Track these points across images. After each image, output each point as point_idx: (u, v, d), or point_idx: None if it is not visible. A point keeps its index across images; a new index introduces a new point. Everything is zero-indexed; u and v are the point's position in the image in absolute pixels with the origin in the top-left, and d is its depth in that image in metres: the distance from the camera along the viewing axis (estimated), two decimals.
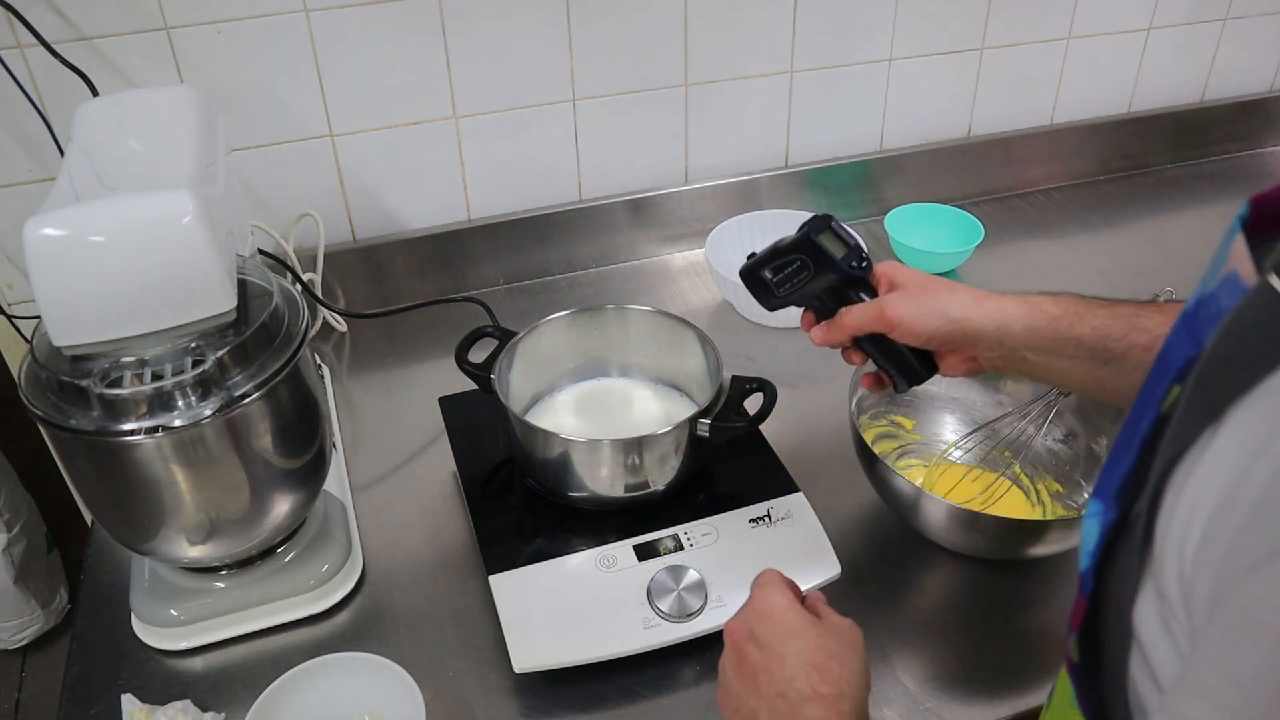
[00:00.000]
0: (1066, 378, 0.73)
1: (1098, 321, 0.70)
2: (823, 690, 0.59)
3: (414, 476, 1.01)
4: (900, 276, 0.77)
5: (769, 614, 0.64)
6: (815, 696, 0.59)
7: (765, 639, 0.63)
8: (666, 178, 1.34)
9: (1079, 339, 0.70)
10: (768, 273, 0.79)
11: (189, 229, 0.69)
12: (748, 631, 0.64)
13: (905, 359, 0.78)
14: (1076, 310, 0.71)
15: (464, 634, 0.85)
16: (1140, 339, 0.69)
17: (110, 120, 0.82)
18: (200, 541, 0.80)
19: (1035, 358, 0.72)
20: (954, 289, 0.75)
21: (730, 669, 0.64)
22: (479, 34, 1.16)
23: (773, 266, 0.79)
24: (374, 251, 1.23)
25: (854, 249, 0.77)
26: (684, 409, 0.97)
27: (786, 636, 0.62)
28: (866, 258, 0.78)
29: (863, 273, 0.77)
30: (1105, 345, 0.69)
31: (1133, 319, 0.70)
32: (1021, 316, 0.72)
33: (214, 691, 0.81)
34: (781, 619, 0.63)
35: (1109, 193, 1.51)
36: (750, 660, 0.62)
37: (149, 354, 0.72)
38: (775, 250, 0.79)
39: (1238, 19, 1.52)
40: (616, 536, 0.86)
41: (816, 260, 0.77)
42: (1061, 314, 0.71)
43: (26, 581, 1.66)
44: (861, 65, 1.35)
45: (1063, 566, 0.89)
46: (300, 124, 1.15)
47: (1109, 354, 0.69)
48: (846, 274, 0.77)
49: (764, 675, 0.61)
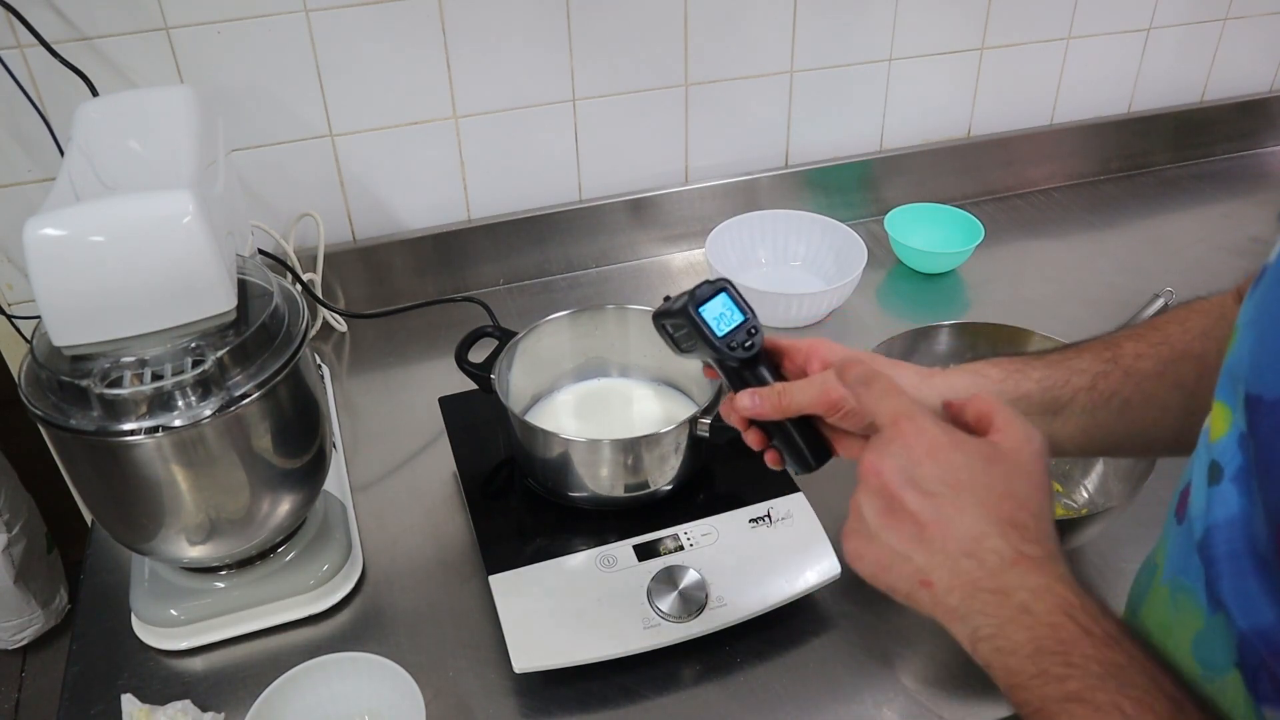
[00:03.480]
0: None
1: (1038, 374, 0.68)
2: (1029, 551, 0.50)
3: (414, 476, 1.01)
4: (835, 354, 0.68)
5: (932, 452, 0.53)
6: (1020, 560, 0.50)
7: (931, 483, 0.53)
8: (666, 178, 1.34)
9: (1027, 396, 0.68)
10: (668, 325, 0.71)
11: (189, 229, 0.69)
12: (905, 472, 0.53)
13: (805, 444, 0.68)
14: (1016, 368, 0.69)
15: (464, 634, 0.85)
16: (1080, 381, 0.68)
17: (110, 120, 0.82)
18: (200, 541, 0.80)
19: None
20: (898, 367, 0.69)
21: (877, 515, 0.54)
22: (479, 34, 1.16)
23: (671, 323, 0.70)
24: (374, 251, 1.23)
25: (743, 323, 0.68)
26: (684, 409, 0.97)
27: (961, 482, 0.52)
28: (755, 335, 0.68)
29: (746, 353, 0.67)
30: (1052, 395, 0.68)
31: (1067, 364, 0.68)
32: (968, 387, 0.67)
33: (214, 691, 0.81)
34: (950, 458, 0.53)
35: (1109, 193, 1.51)
36: (910, 508, 0.53)
37: (149, 354, 0.72)
38: (668, 308, 0.70)
39: (1238, 19, 1.52)
40: (616, 536, 0.86)
41: (698, 333, 0.68)
42: (1004, 375, 0.68)
43: (26, 581, 1.66)
44: (861, 65, 1.35)
45: None
46: (300, 124, 1.15)
47: (1057, 403, 0.68)
48: (727, 355, 0.67)
49: (936, 529, 0.52)
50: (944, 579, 0.52)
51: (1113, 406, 0.67)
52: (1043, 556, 0.51)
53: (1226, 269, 1.32)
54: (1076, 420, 0.68)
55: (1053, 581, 0.49)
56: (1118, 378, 0.67)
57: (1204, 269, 1.32)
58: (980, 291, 1.29)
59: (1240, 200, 1.49)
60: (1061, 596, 0.49)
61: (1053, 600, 0.49)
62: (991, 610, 0.50)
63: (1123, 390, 0.67)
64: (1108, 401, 0.67)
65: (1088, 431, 0.68)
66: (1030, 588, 0.50)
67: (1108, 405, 0.67)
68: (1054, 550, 0.51)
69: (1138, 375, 0.67)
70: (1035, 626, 0.49)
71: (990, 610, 0.50)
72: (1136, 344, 0.68)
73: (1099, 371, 0.68)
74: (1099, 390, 0.67)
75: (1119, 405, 0.67)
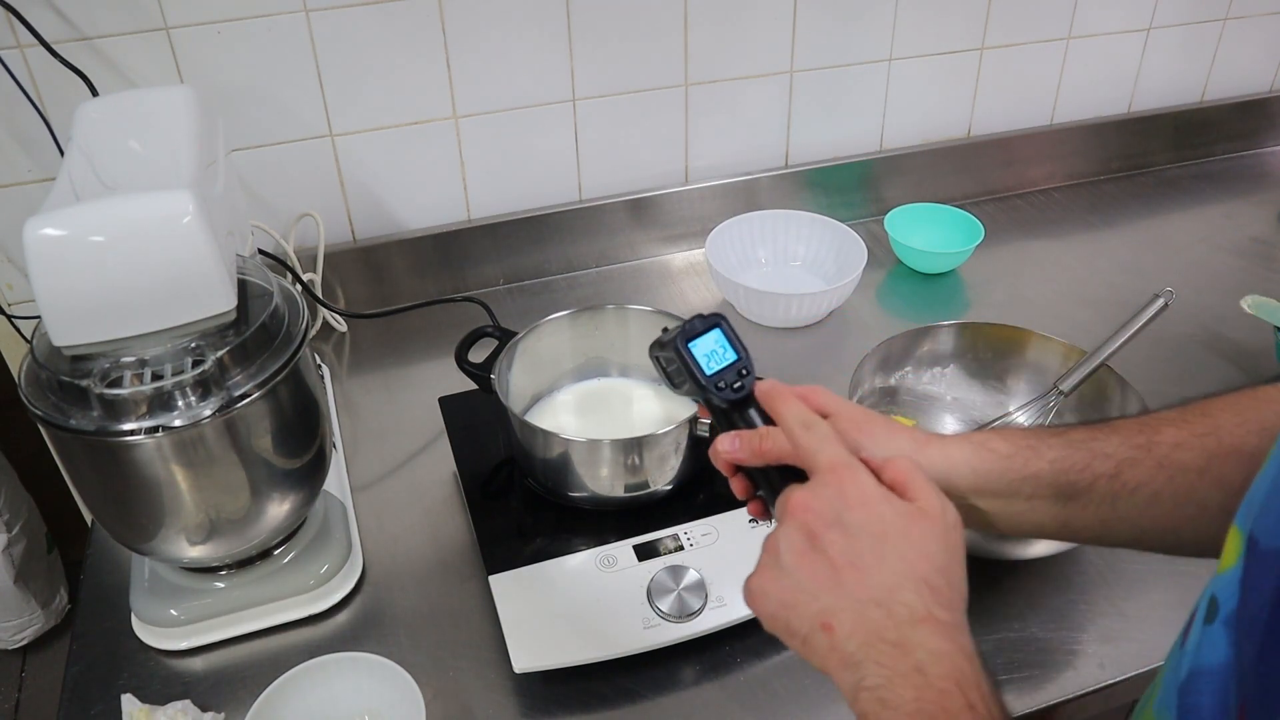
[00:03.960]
0: (1023, 522, 0.62)
1: (1054, 454, 0.60)
2: (940, 615, 0.50)
3: (414, 476, 1.01)
4: (829, 405, 0.62)
5: (863, 501, 0.53)
6: (929, 620, 0.50)
7: (856, 529, 0.53)
8: (666, 178, 1.34)
9: (1036, 475, 0.60)
10: (660, 359, 0.67)
11: (189, 229, 0.69)
12: (832, 515, 0.53)
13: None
14: (1029, 444, 0.61)
15: (464, 634, 0.85)
16: (1104, 466, 0.60)
17: (110, 120, 0.82)
18: (200, 541, 0.80)
19: (986, 504, 0.62)
20: (892, 431, 0.62)
21: (793, 554, 0.54)
22: (479, 34, 1.16)
23: (664, 357, 0.66)
24: (374, 251, 1.23)
25: (735, 363, 0.63)
26: (684, 409, 0.97)
27: (885, 534, 0.52)
28: (745, 377, 0.63)
29: (735, 395, 0.63)
30: (1068, 479, 0.60)
31: (1090, 445, 0.61)
32: (967, 460, 0.61)
33: (214, 691, 0.81)
34: (879, 510, 0.53)
35: (1109, 193, 1.52)
36: (831, 552, 0.52)
37: (149, 354, 0.72)
38: (662, 340, 0.66)
39: (1238, 19, 1.52)
40: (616, 536, 0.86)
41: (687, 369, 0.64)
42: (1013, 451, 0.61)
43: (26, 581, 1.66)
44: (861, 65, 1.35)
45: (1063, 566, 0.89)
46: (300, 124, 1.15)
47: (1072, 488, 0.60)
48: (714, 395, 0.63)
49: (851, 573, 0.52)
50: (847, 624, 0.51)
51: (1139, 499, 0.59)
52: (951, 623, 0.51)
53: (1226, 269, 1.32)
54: (1094, 510, 0.60)
55: (954, 650, 0.49)
56: (1149, 468, 0.59)
57: (1204, 269, 1.32)
58: (980, 291, 1.29)
59: (1240, 200, 1.49)
60: (958, 666, 0.49)
61: (949, 666, 0.49)
62: (887, 662, 0.50)
63: (1153, 483, 0.59)
64: (1134, 493, 0.59)
65: (1107, 523, 0.61)
66: (930, 650, 0.49)
67: (1133, 497, 0.59)
68: (962, 621, 0.51)
69: (1173, 467, 0.59)
70: (924, 688, 0.48)
71: (885, 661, 0.50)
72: (1178, 431, 0.60)
73: (1126, 458, 0.60)
74: (1124, 479, 0.59)
75: (1147, 498, 0.59)
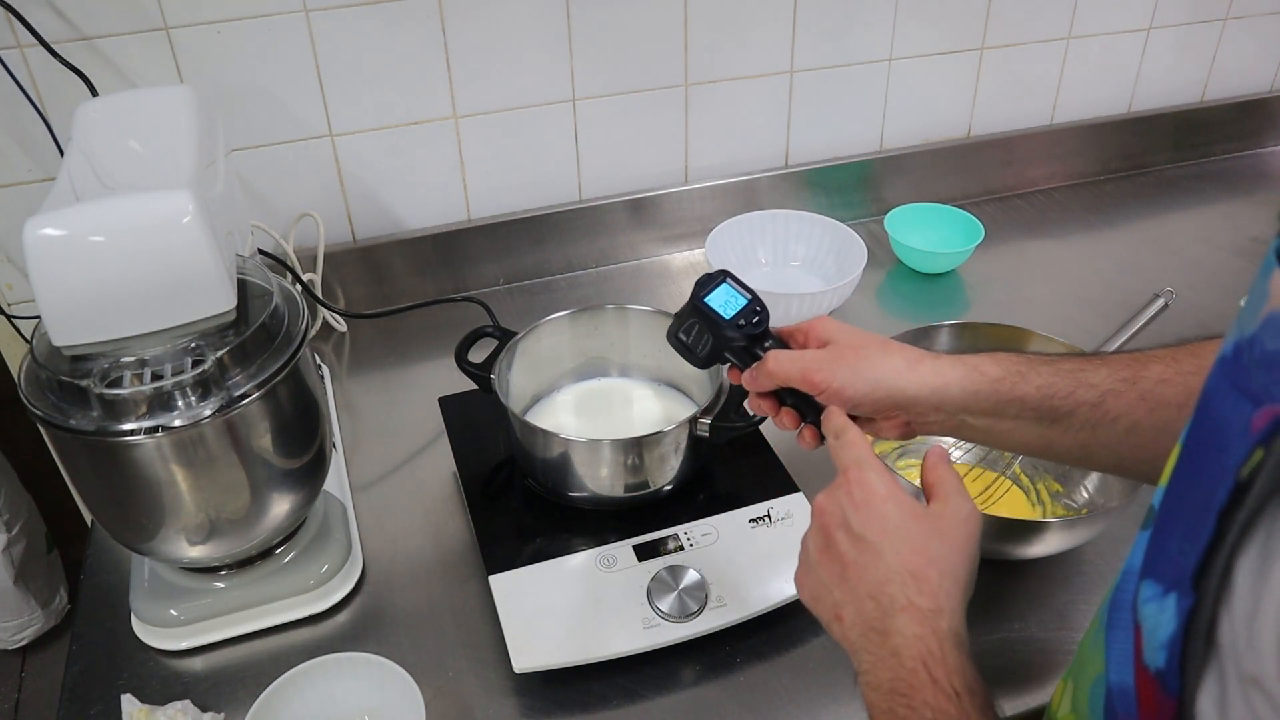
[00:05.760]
0: (1009, 440, 0.69)
1: (1041, 380, 0.66)
2: (919, 603, 0.54)
3: (414, 476, 1.01)
4: (831, 333, 0.71)
5: (866, 501, 0.58)
6: (909, 608, 0.54)
7: (860, 528, 0.58)
8: (666, 178, 1.34)
9: (1022, 399, 0.66)
10: (681, 335, 0.75)
11: (189, 229, 0.69)
12: (840, 516, 0.59)
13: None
14: (1018, 369, 0.67)
15: (464, 634, 0.85)
16: (1088, 395, 0.65)
17: (110, 120, 0.82)
18: (200, 541, 0.80)
19: (975, 421, 0.68)
20: (888, 350, 0.69)
21: (815, 551, 0.60)
22: (479, 34, 1.16)
23: (683, 329, 0.75)
24: (374, 251, 1.23)
25: (748, 304, 0.73)
26: (684, 409, 0.97)
27: (884, 531, 0.57)
28: (761, 311, 0.73)
29: (755, 329, 0.72)
30: (1051, 404, 0.65)
31: (1078, 374, 0.66)
32: (959, 380, 0.67)
33: (214, 691, 0.81)
34: (881, 509, 0.58)
35: (1109, 193, 1.52)
36: (840, 549, 0.58)
37: (149, 354, 0.72)
38: (679, 313, 0.75)
39: (1238, 19, 1.52)
40: (616, 536, 0.86)
41: (707, 322, 0.73)
42: (1002, 374, 0.67)
43: (26, 581, 1.66)
44: (861, 65, 1.35)
45: (1063, 566, 0.89)
46: (300, 124, 1.15)
47: (1055, 412, 0.65)
48: (737, 332, 0.72)
49: (854, 570, 0.57)
50: (850, 615, 0.57)
51: (1119, 428, 0.64)
52: (929, 609, 0.55)
53: (1226, 269, 1.32)
54: (1075, 434, 0.65)
55: (926, 633, 0.54)
56: (1131, 399, 0.64)
57: (1204, 269, 1.32)
58: (980, 291, 1.29)
59: (1240, 200, 1.49)
60: (927, 647, 0.53)
61: (919, 648, 0.53)
62: (872, 648, 0.55)
63: (1133, 413, 0.64)
64: (1114, 422, 0.64)
65: (1087, 447, 0.66)
66: (905, 634, 0.54)
67: (1113, 426, 0.64)
68: (945, 607, 0.55)
69: (1155, 401, 0.63)
70: (897, 669, 0.54)
71: (871, 648, 0.55)
72: (1165, 367, 0.64)
73: (1111, 389, 0.64)
74: (1106, 408, 0.64)
75: (1126, 428, 0.64)
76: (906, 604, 0.55)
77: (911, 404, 0.68)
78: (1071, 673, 0.54)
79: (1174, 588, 0.39)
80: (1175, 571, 0.39)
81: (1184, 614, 0.38)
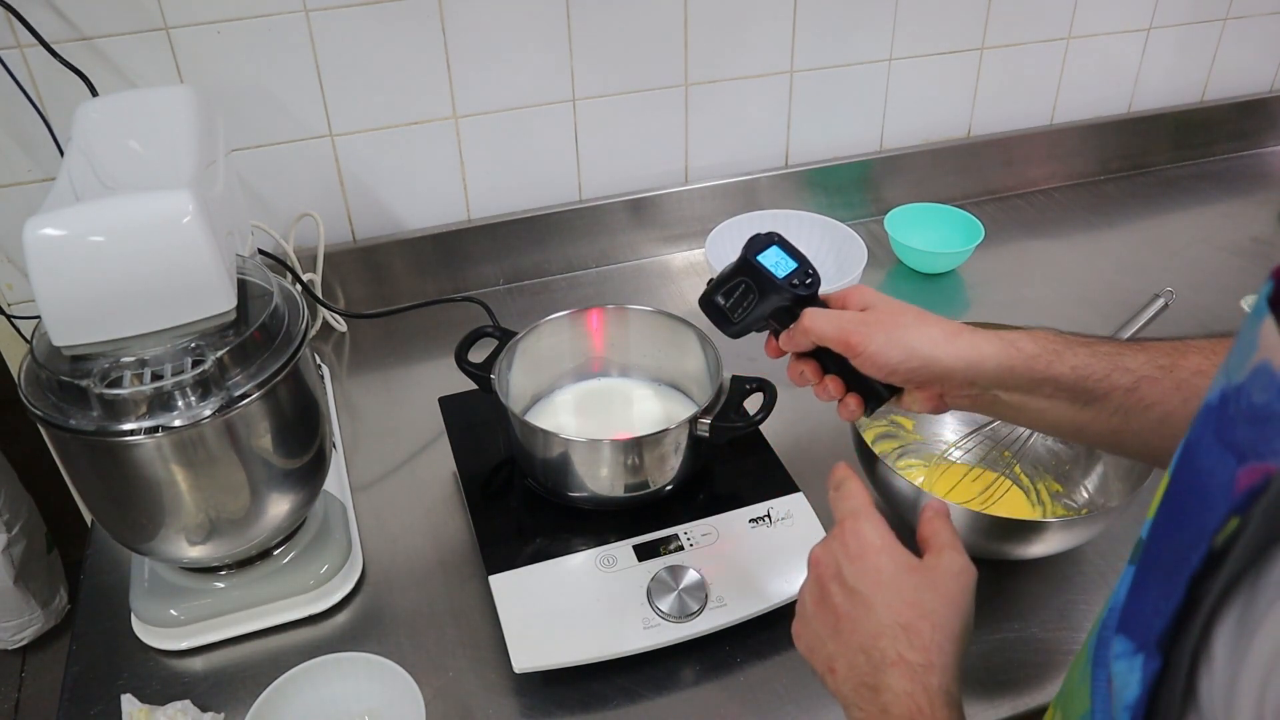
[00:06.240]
0: (1041, 419, 0.68)
1: (1077, 360, 0.65)
2: (910, 657, 0.54)
3: (414, 476, 1.01)
4: (869, 299, 0.72)
5: (860, 554, 0.59)
6: (899, 662, 0.54)
7: (853, 581, 0.58)
8: (666, 178, 1.34)
9: (1057, 378, 0.65)
10: (720, 298, 0.75)
11: (189, 229, 0.69)
12: (835, 568, 0.59)
13: (865, 381, 0.72)
14: (1054, 348, 0.66)
15: (464, 634, 0.85)
16: (1123, 380, 0.64)
17: (110, 120, 0.82)
18: (200, 541, 0.80)
19: (1008, 397, 0.68)
20: (925, 321, 0.69)
21: (811, 603, 0.60)
22: (479, 34, 1.16)
23: (724, 292, 0.75)
24: (374, 251, 1.23)
25: (799, 267, 0.74)
26: (684, 409, 0.97)
27: (878, 584, 0.57)
28: (813, 274, 0.74)
29: (808, 290, 0.73)
30: (1085, 386, 0.65)
31: (1115, 358, 0.65)
32: (995, 354, 0.66)
33: (214, 691, 0.81)
34: (874, 561, 0.58)
35: (1109, 193, 1.52)
36: (834, 601, 0.58)
37: (149, 354, 0.72)
38: (723, 275, 0.75)
39: (1238, 19, 1.52)
40: (616, 536, 0.86)
41: (758, 281, 0.73)
42: (1038, 352, 0.66)
43: (26, 581, 1.66)
44: (861, 65, 1.35)
45: (1063, 566, 0.89)
46: (300, 124, 1.15)
47: (1089, 395, 0.65)
48: (789, 293, 0.73)
49: (847, 622, 0.57)
50: (843, 668, 0.57)
51: (1151, 416, 0.63)
52: (920, 664, 0.54)
53: (1226, 269, 1.32)
54: (1107, 419, 0.65)
55: (916, 689, 0.53)
56: (1167, 388, 0.62)
57: (1204, 269, 1.32)
58: (980, 291, 1.29)
59: (1240, 200, 1.49)
60: (916, 704, 0.53)
61: (908, 705, 0.53)
62: (864, 704, 0.55)
63: (1167, 403, 0.62)
64: (1147, 410, 0.63)
65: (1118, 433, 0.65)
66: (895, 691, 0.54)
67: (1146, 413, 0.63)
68: (936, 662, 0.54)
69: (1189, 391, 0.62)
70: None
71: (863, 704, 0.55)
72: (1203, 359, 0.63)
73: (1146, 376, 0.63)
74: (1140, 395, 0.63)
75: (1159, 417, 0.63)
76: (897, 658, 0.54)
77: (946, 375, 0.68)
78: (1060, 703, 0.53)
79: (1142, 649, 0.38)
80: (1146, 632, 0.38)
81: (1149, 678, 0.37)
